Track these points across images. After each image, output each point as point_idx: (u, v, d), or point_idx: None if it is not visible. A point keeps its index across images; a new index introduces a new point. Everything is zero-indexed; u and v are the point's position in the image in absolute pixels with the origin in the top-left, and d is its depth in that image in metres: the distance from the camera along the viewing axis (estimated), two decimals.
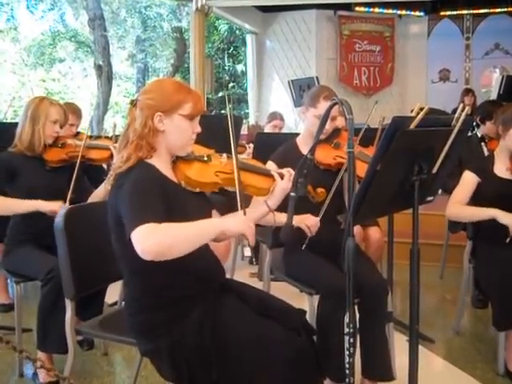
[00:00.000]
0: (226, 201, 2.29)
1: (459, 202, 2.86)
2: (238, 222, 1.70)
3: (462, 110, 1.73)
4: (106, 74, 13.26)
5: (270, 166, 2.57)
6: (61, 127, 2.84)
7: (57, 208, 2.50)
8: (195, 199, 1.88)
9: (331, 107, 1.77)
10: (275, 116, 5.59)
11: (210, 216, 1.96)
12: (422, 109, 1.68)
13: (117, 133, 4.06)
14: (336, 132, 2.69)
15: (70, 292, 2.08)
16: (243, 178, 1.90)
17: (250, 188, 1.95)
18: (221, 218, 1.78)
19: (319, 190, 2.15)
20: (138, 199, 1.66)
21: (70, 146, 2.91)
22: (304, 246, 2.47)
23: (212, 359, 1.73)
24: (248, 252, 4.96)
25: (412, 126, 1.59)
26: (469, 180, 2.88)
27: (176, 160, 1.89)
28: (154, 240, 1.56)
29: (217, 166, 1.93)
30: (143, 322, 1.82)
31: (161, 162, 1.83)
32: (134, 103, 1.83)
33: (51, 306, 2.47)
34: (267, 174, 2.01)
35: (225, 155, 1.97)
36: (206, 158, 1.94)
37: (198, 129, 1.86)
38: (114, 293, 2.67)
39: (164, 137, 1.81)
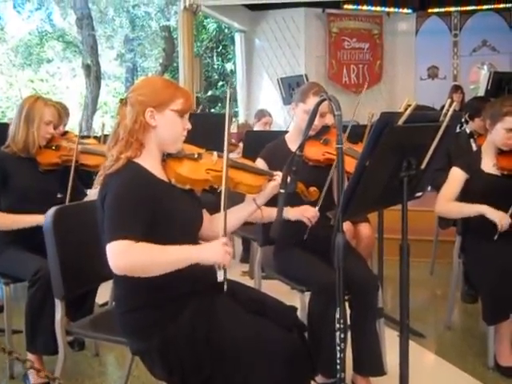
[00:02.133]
0: (216, 201, 2.29)
1: (448, 199, 2.88)
2: (215, 253, 1.67)
3: (450, 106, 1.74)
4: (94, 74, 13.21)
5: (259, 163, 2.57)
6: (54, 128, 2.82)
7: None
8: (185, 198, 1.88)
9: (320, 103, 1.78)
10: (263, 114, 5.62)
11: (200, 216, 1.96)
12: (409, 105, 1.69)
13: (105, 132, 4.05)
14: (325, 129, 2.69)
15: (60, 292, 2.06)
16: (234, 176, 1.91)
17: (241, 186, 1.95)
18: (198, 247, 1.75)
19: (312, 189, 2.15)
20: (119, 212, 1.67)
21: (63, 149, 2.88)
22: (305, 236, 2.48)
23: (204, 359, 1.72)
24: (221, 276, 4.91)
25: (400, 122, 1.59)
26: (456, 177, 2.90)
27: (166, 158, 1.89)
28: (127, 260, 1.62)
29: (207, 163, 1.93)
30: (134, 321, 1.81)
31: (150, 161, 1.82)
32: (123, 101, 1.83)
33: (39, 306, 2.45)
34: (258, 173, 2.02)
35: (215, 153, 1.97)
36: (196, 156, 1.93)
37: (189, 126, 1.87)
38: (104, 293, 2.65)
39: (155, 133, 1.81)
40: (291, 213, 2.39)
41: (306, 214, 2.40)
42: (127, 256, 1.62)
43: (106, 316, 2.24)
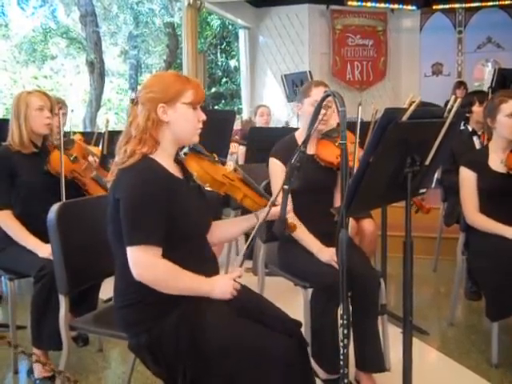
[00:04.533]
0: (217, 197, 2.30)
1: (474, 208, 2.86)
2: (223, 292, 1.78)
3: (454, 102, 1.73)
4: (98, 71, 13.22)
5: (275, 164, 2.57)
6: (50, 112, 2.75)
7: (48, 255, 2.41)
8: (197, 199, 1.89)
9: (325, 97, 1.77)
10: (259, 106, 5.76)
11: (209, 215, 1.97)
12: (413, 101, 1.68)
13: (109, 129, 4.05)
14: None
15: (64, 288, 2.07)
16: (243, 189, 1.98)
17: (247, 199, 2.00)
18: (212, 283, 1.80)
19: (292, 223, 2.09)
20: (139, 211, 1.68)
21: (79, 165, 2.90)
22: None
23: (188, 360, 1.71)
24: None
25: (404, 118, 1.58)
26: (469, 180, 2.88)
27: (189, 152, 1.90)
28: (153, 275, 1.72)
29: (224, 169, 1.97)
30: (125, 317, 1.83)
31: (164, 157, 1.82)
32: (134, 102, 1.82)
33: (44, 302, 2.46)
34: (263, 195, 2.05)
35: (231, 163, 2.02)
36: (216, 159, 1.97)
37: (204, 117, 1.85)
38: (109, 288, 2.64)
39: (169, 128, 1.80)
40: (322, 256, 2.42)
41: (335, 257, 2.33)
42: (154, 271, 1.72)
43: (109, 311, 2.24)
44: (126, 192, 1.70)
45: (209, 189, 1.94)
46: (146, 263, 1.70)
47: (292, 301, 2.47)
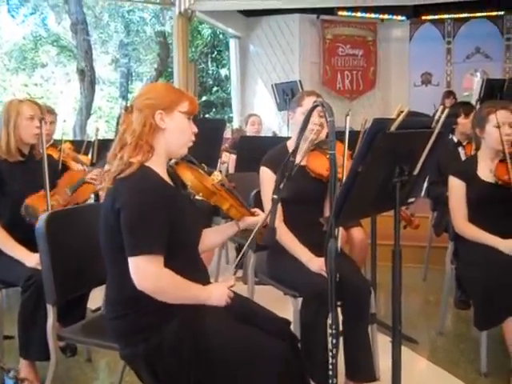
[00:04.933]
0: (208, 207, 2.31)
1: (463, 218, 2.87)
2: (219, 300, 1.82)
3: (442, 112, 1.75)
4: (88, 79, 13.20)
5: (265, 173, 2.58)
6: (40, 122, 2.72)
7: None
8: (189, 205, 1.91)
9: (314, 108, 1.78)
10: (249, 115, 5.77)
11: (201, 223, 1.98)
12: (402, 111, 1.70)
13: (99, 137, 4.05)
14: None
15: (52, 297, 2.05)
16: (230, 200, 2.00)
17: (232, 209, 2.02)
18: (209, 291, 1.83)
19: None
20: (140, 221, 1.68)
21: (82, 193, 2.98)
22: None
23: (192, 368, 1.71)
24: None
25: (392, 128, 1.60)
26: (458, 189, 2.89)
27: (180, 161, 1.91)
28: (156, 285, 1.72)
29: (211, 180, 1.99)
30: (121, 327, 1.81)
31: (158, 165, 1.82)
32: (129, 109, 1.82)
33: (32, 312, 2.44)
34: (244, 205, 2.09)
35: (217, 173, 2.03)
36: (205, 169, 2.00)
37: (195, 128, 1.87)
38: (97, 298, 2.64)
39: (164, 136, 1.81)
40: (312, 266, 2.42)
41: (323, 267, 2.28)
42: (158, 281, 1.72)
43: (98, 321, 2.23)
44: (127, 202, 1.69)
45: (200, 198, 1.95)
46: (151, 273, 1.70)
47: (282, 310, 2.46)
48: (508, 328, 2.55)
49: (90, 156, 4.01)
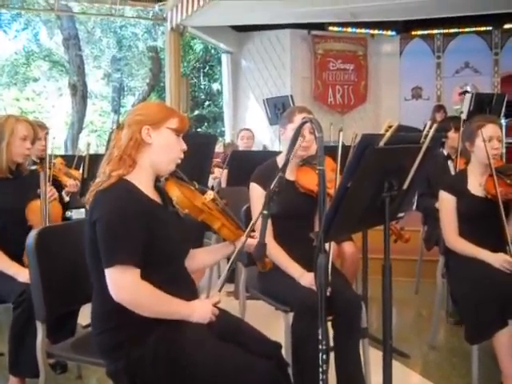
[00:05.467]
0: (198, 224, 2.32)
1: (454, 232, 2.88)
2: (202, 317, 1.80)
3: (431, 127, 1.76)
4: (80, 93, 13.22)
5: (255, 189, 2.58)
6: (32, 143, 2.77)
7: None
8: (176, 221, 1.89)
9: (303, 124, 1.80)
10: (241, 130, 5.84)
11: (188, 240, 1.97)
12: (391, 126, 1.71)
13: (91, 152, 4.04)
14: None
15: (42, 315, 2.03)
16: (222, 220, 1.98)
17: (224, 229, 2.00)
18: (192, 307, 1.81)
19: (268, 261, 2.10)
20: (114, 232, 1.68)
21: None
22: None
23: (170, 383, 1.70)
24: None
25: (381, 144, 1.61)
26: (448, 203, 2.90)
27: (169, 177, 1.91)
28: (133, 297, 1.70)
29: (203, 198, 1.97)
30: (103, 343, 1.80)
31: (142, 180, 1.82)
32: (120, 126, 1.84)
33: (23, 328, 2.42)
34: (239, 226, 2.06)
35: (211, 192, 2.01)
36: (196, 187, 1.99)
37: (184, 147, 1.88)
38: (88, 314, 2.62)
39: (150, 151, 1.81)
40: (304, 281, 2.41)
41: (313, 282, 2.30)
42: (134, 293, 1.70)
43: (88, 338, 2.19)
44: (102, 213, 1.70)
45: (186, 214, 1.94)
46: (126, 284, 1.69)
47: (273, 325, 2.46)
48: (498, 342, 2.55)
49: (81, 170, 4.00)
